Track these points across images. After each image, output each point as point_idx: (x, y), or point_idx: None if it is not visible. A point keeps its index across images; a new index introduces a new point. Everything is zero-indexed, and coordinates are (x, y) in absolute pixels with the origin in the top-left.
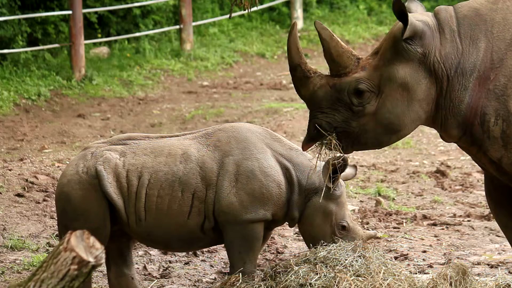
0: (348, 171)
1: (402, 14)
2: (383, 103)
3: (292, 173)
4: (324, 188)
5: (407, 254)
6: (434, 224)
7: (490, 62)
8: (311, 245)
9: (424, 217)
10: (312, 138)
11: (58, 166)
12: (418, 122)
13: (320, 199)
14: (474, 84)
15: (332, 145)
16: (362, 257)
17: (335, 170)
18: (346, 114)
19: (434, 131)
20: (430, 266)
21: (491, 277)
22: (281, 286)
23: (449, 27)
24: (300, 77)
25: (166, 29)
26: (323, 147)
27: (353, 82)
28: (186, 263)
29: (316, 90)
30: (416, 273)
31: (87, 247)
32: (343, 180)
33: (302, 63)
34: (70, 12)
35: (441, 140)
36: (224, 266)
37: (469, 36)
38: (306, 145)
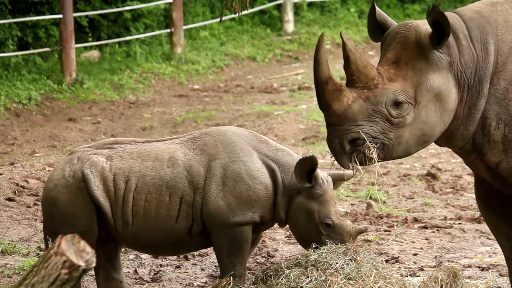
0: (348, 172)
1: (439, 24)
2: (418, 114)
3: (277, 175)
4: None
5: (398, 257)
6: (425, 227)
7: (495, 66)
8: (302, 248)
9: (415, 220)
10: (348, 153)
11: (49, 170)
12: (441, 133)
13: (302, 199)
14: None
15: (374, 155)
16: (353, 261)
17: (312, 167)
18: (384, 125)
19: None
20: (421, 269)
21: (482, 280)
22: None
23: (462, 33)
24: (332, 91)
25: (157, 32)
26: (360, 158)
27: (390, 93)
28: (177, 267)
29: (351, 104)
30: (407, 276)
31: (77, 251)
32: (342, 180)
33: (331, 76)
34: (60, 16)
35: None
36: (215, 269)
37: (480, 40)
38: (347, 163)
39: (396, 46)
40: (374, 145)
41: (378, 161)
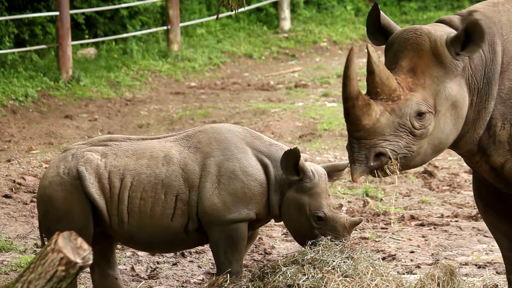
0: (342, 162)
1: (468, 31)
2: (437, 123)
3: (271, 170)
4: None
5: (395, 255)
6: (422, 225)
7: (501, 66)
8: (299, 246)
9: (412, 217)
10: (372, 168)
11: (46, 167)
12: (454, 140)
13: (292, 192)
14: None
15: (397, 171)
16: (350, 258)
17: (296, 160)
18: (408, 139)
19: None
20: (418, 266)
21: (479, 278)
22: (269, 287)
23: None
24: (362, 105)
25: (153, 30)
26: (381, 172)
27: (413, 104)
28: (174, 264)
29: (379, 118)
30: (404, 274)
31: (74, 248)
32: (339, 171)
33: (360, 91)
34: (57, 13)
35: None
36: (212, 267)
37: (487, 42)
38: (360, 175)
39: (409, 53)
40: (397, 161)
41: (399, 175)
